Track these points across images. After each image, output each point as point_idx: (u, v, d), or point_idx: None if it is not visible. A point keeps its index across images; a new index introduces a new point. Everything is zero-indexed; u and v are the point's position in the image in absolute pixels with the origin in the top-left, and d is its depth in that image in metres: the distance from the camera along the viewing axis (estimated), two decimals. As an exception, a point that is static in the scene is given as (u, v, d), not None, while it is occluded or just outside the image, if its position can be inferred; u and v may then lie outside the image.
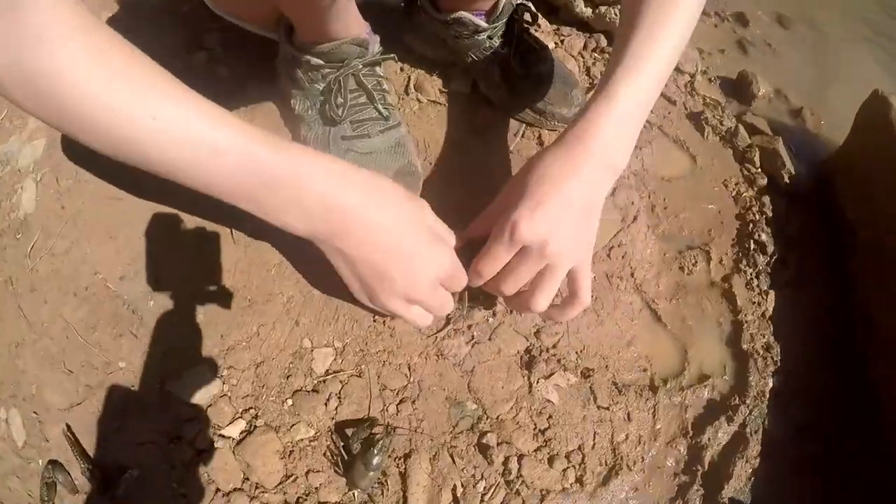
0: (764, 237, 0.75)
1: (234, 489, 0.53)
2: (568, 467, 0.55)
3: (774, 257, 0.75)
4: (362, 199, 0.41)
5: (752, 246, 0.74)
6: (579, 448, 0.56)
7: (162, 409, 0.55)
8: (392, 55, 0.62)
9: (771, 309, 0.70)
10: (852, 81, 1.09)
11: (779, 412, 0.64)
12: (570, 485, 0.55)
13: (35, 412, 0.56)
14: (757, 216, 0.77)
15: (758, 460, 0.61)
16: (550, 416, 0.57)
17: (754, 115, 0.93)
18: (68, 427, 0.55)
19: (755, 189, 0.80)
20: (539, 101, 0.68)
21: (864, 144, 0.81)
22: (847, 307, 0.74)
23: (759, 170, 0.83)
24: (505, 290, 0.48)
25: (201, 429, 0.55)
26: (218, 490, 0.53)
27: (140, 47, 0.36)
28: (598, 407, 0.58)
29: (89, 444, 0.54)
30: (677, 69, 0.92)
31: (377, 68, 0.61)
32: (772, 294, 0.71)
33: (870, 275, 0.73)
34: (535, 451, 0.55)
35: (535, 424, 0.56)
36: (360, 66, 0.59)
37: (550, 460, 0.55)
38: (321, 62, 0.58)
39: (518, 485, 0.53)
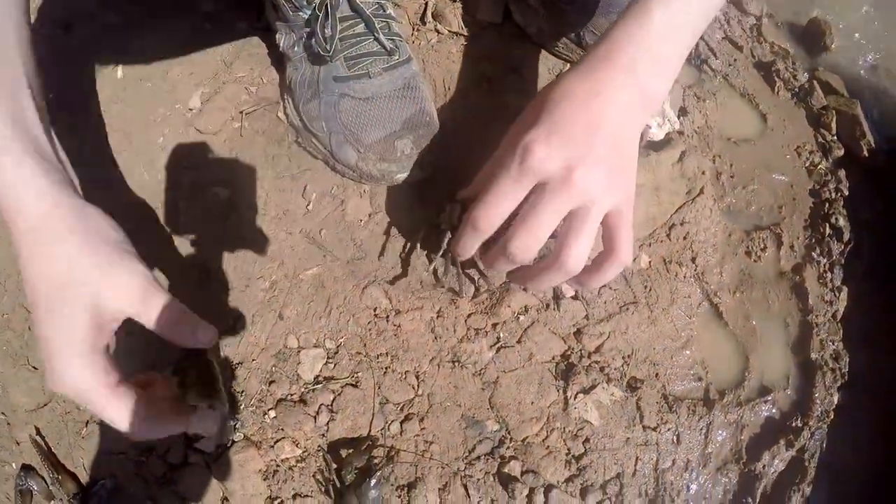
0: (841, 221, 0.63)
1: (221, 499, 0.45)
2: (603, 500, 0.46)
3: (850, 245, 0.63)
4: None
5: (828, 231, 0.62)
6: (618, 476, 0.47)
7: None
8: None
9: (842, 309, 0.59)
10: None
11: (840, 433, 0.55)
12: (607, 520, 0.46)
13: (2, 413, 0.49)
14: (833, 194, 0.65)
15: (817, 491, 0.52)
16: (587, 440, 0.47)
17: (828, 71, 0.78)
18: (37, 430, 0.48)
19: (831, 160, 0.67)
20: (588, 35, 0.53)
21: None
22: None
23: (836, 138, 0.70)
24: (516, 251, 0.35)
25: (172, 440, 0.45)
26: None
27: None
28: (645, 427, 0.48)
29: (56, 448, 0.47)
30: (743, 10, 0.76)
31: (379, -12, 0.46)
32: (844, 291, 0.60)
33: None
34: (566, 481, 0.46)
35: (568, 450, 0.46)
36: (357, -13, 0.44)
37: (583, 492, 0.46)
38: (307, -19, 0.43)
39: (546, 522, 0.44)
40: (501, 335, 0.48)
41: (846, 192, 0.66)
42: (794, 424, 0.53)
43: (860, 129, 0.70)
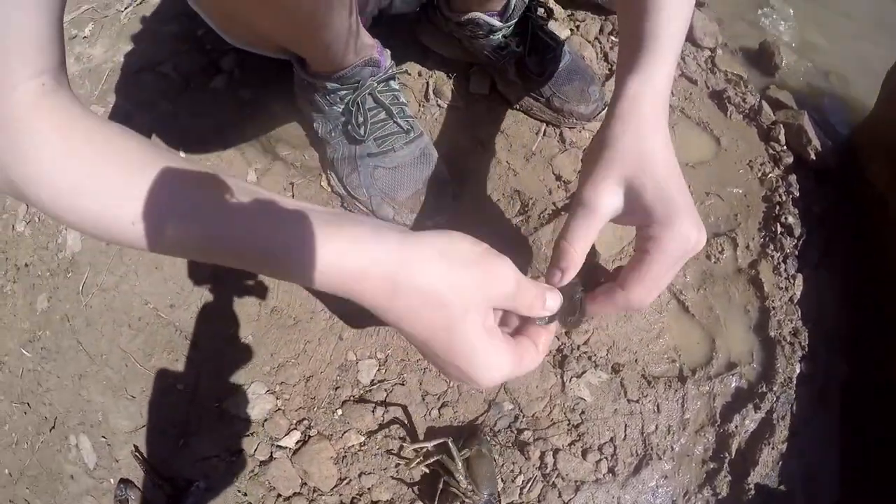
0: (791, 219, 0.74)
1: (294, 493, 0.59)
2: (601, 459, 0.59)
3: (802, 239, 0.74)
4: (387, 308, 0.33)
5: (780, 229, 0.74)
6: (611, 440, 0.60)
7: (221, 425, 0.61)
8: (404, 69, 0.62)
9: (798, 293, 0.71)
10: (884, 40, 1.03)
11: (807, 398, 0.66)
12: (603, 475, 0.59)
13: (104, 436, 0.62)
14: (784, 197, 0.76)
15: (785, 445, 0.63)
16: (583, 412, 0.60)
17: (778, 87, 0.90)
18: (136, 447, 0.60)
19: (781, 168, 0.79)
20: (556, 100, 0.68)
21: (892, 113, 0.78)
22: (878, 284, 0.73)
23: (785, 147, 0.81)
24: (640, 304, 0.40)
25: (260, 442, 0.60)
26: (279, 496, 0.59)
27: (161, 77, 0.33)
28: (629, 400, 0.61)
29: (156, 463, 0.60)
30: (697, 45, 0.89)
31: (392, 83, 0.62)
32: (799, 278, 0.71)
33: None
34: (570, 445, 0.59)
35: (568, 420, 0.59)
36: (376, 84, 0.60)
37: (584, 453, 0.59)
38: (337, 86, 0.59)
39: (554, 477, 0.57)
40: (509, 338, 0.62)
41: (797, 194, 0.77)
42: (760, 391, 0.65)
43: (806, 137, 0.81)
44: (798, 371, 0.67)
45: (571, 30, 0.83)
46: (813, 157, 0.81)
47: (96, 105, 0.76)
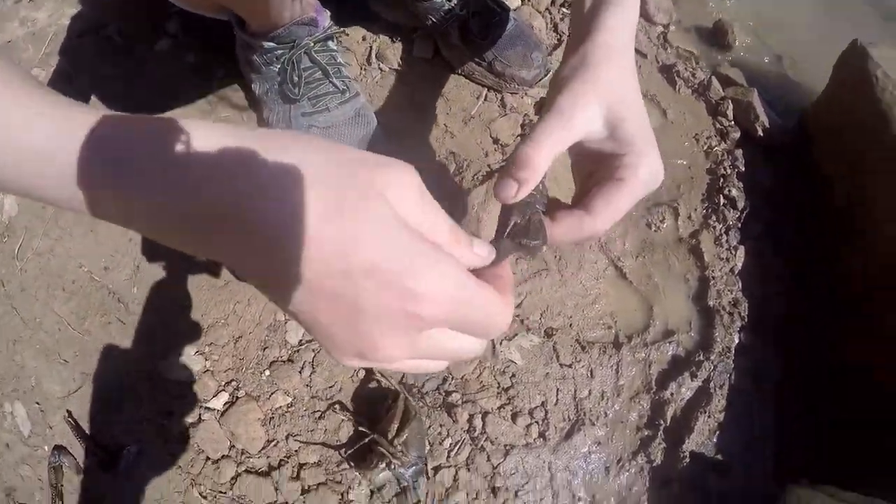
0: (734, 192, 0.75)
1: (223, 456, 0.58)
2: (531, 423, 0.58)
3: (746, 211, 0.74)
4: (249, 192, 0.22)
5: (723, 201, 0.74)
6: (542, 405, 0.59)
7: (153, 388, 0.59)
8: (342, 30, 0.62)
9: (740, 265, 0.71)
10: (839, 25, 1.04)
11: (749, 367, 0.66)
12: (534, 440, 0.58)
13: (37, 402, 0.61)
14: (728, 170, 0.77)
15: (723, 415, 0.63)
16: (514, 375, 0.59)
17: (731, 65, 0.91)
18: (69, 413, 0.59)
19: (728, 142, 0.80)
20: (497, 64, 0.68)
21: (841, 96, 0.79)
22: (820, 259, 0.74)
23: (733, 123, 0.82)
24: (602, 231, 0.37)
25: (188, 404, 0.59)
26: (208, 458, 0.57)
27: (105, 41, 0.32)
28: (562, 365, 0.60)
29: (88, 428, 0.59)
30: (650, 21, 0.90)
31: (330, 43, 0.62)
32: (741, 249, 0.71)
33: (845, 226, 0.73)
34: (499, 408, 0.58)
35: (498, 383, 0.59)
36: (312, 44, 0.59)
37: (514, 417, 0.58)
38: (273, 45, 0.58)
39: (483, 441, 0.57)
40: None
41: (742, 168, 0.78)
42: (697, 360, 0.65)
43: (754, 114, 0.82)
44: (737, 341, 0.67)
45: (522, 0, 0.83)
46: (760, 133, 0.81)
47: (38, 69, 0.74)
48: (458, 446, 0.56)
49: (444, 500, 0.56)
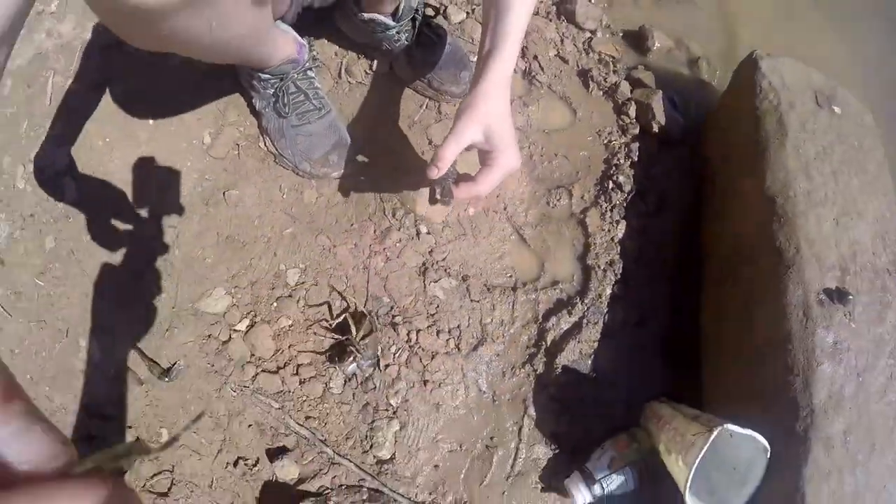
0: (622, 178, 0.97)
1: (246, 362, 0.87)
2: (449, 338, 0.87)
3: (632, 194, 0.97)
4: None
5: (611, 185, 0.97)
6: (458, 326, 0.87)
7: (195, 319, 0.88)
8: (319, 62, 0.85)
9: (620, 234, 0.95)
10: (763, 34, 1.18)
11: (618, 311, 0.91)
12: (452, 349, 0.86)
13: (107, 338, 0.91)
14: (622, 160, 0.99)
15: (596, 344, 0.89)
16: (438, 306, 0.87)
17: (647, 69, 1.09)
18: (135, 344, 0.88)
19: (627, 137, 1.01)
20: (435, 81, 0.91)
21: (732, 101, 0.97)
22: (691, 235, 0.96)
23: (634, 121, 1.02)
24: (486, 192, 0.72)
25: (222, 328, 0.88)
26: (235, 364, 0.87)
27: (128, 55, 0.48)
28: (472, 300, 0.88)
29: (147, 350, 0.86)
30: (579, 27, 1.08)
31: (309, 72, 0.85)
32: (622, 223, 0.95)
33: (714, 211, 0.94)
34: (428, 327, 0.86)
35: (427, 311, 0.87)
36: (296, 76, 0.83)
37: (438, 333, 0.86)
38: (267, 76, 0.82)
39: (417, 349, 0.85)
40: (389, 254, 0.88)
41: (636, 158, 1.00)
42: (574, 302, 0.91)
43: (652, 113, 1.02)
44: (609, 292, 0.92)
45: (467, 13, 1.03)
46: (656, 129, 1.02)
47: (75, 82, 0.94)
48: (400, 351, 0.86)
49: (391, 387, 0.86)
